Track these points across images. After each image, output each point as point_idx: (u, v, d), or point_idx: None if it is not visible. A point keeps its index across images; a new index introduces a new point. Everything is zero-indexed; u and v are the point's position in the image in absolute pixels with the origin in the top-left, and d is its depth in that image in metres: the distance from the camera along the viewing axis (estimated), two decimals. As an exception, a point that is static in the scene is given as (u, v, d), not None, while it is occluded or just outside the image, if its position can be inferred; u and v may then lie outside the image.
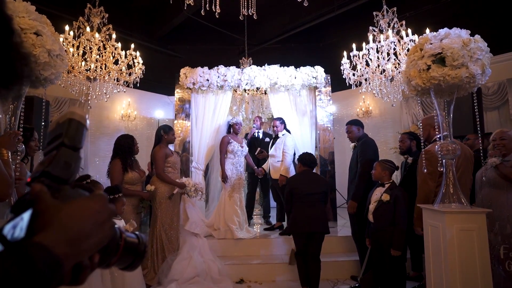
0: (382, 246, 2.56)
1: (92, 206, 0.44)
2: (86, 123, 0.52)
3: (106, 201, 0.46)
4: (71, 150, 0.49)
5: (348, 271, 3.45)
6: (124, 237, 0.51)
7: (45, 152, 0.50)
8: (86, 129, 0.52)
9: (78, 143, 0.50)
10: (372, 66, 3.58)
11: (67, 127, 0.49)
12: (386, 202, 2.52)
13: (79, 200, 0.45)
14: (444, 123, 2.04)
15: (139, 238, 0.55)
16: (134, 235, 0.55)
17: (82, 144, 0.51)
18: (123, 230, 0.53)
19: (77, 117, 0.50)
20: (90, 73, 3.63)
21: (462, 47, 1.74)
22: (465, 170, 2.29)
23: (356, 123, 3.37)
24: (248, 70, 4.40)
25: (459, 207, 1.83)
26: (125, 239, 0.51)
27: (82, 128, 0.51)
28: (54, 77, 1.80)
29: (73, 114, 0.51)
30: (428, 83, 1.90)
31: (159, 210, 3.35)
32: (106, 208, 0.45)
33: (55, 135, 0.50)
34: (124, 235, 0.52)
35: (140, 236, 0.56)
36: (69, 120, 0.50)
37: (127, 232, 0.54)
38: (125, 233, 0.53)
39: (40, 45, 1.60)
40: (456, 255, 1.70)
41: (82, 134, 0.51)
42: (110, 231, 0.45)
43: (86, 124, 0.52)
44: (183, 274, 3.16)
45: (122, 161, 3.15)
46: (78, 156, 0.50)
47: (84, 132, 0.52)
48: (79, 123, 0.50)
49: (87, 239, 0.41)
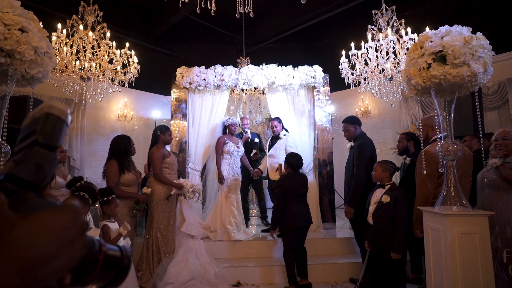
0: (382, 248, 2.50)
1: (58, 221, 0.35)
2: (67, 118, 0.45)
3: (78, 213, 0.38)
4: (45, 149, 0.42)
5: (347, 273, 3.39)
6: (104, 251, 0.45)
7: (15, 151, 0.43)
8: (66, 125, 0.45)
9: (55, 142, 0.43)
10: (371, 65, 3.52)
11: (43, 123, 0.42)
12: (386, 204, 2.46)
13: (42, 213, 0.36)
14: (444, 123, 1.98)
15: (122, 250, 0.48)
16: (116, 248, 0.48)
17: (60, 142, 0.44)
18: (103, 242, 0.47)
19: (56, 111, 0.43)
20: (84, 72, 3.56)
21: (463, 45, 1.69)
22: (465, 171, 2.24)
23: (352, 121, 3.26)
24: (245, 69, 4.35)
25: (461, 209, 1.78)
26: (105, 252, 0.45)
27: (62, 124, 0.44)
28: (42, 76, 1.74)
29: (51, 107, 0.43)
30: (429, 82, 1.85)
31: (156, 211, 3.29)
32: (77, 222, 0.37)
33: (29, 131, 0.43)
34: (104, 248, 0.45)
35: (124, 249, 0.49)
36: (46, 114, 0.43)
37: (107, 244, 0.48)
38: (105, 245, 0.46)
39: (26, 42, 1.54)
40: (458, 259, 1.64)
41: (61, 131, 0.44)
42: (81, 251, 0.38)
43: (66, 120, 0.44)
44: (178, 277, 3.10)
45: (118, 162, 3.09)
46: (54, 156, 0.43)
47: (64, 129, 0.44)
48: (57, 119, 0.43)
49: (48, 263, 0.33)
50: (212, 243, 3.75)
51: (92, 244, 0.43)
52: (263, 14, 6.78)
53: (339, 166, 4.61)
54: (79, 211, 0.38)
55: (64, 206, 0.38)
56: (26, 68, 1.61)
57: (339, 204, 5.44)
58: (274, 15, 6.90)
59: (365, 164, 2.95)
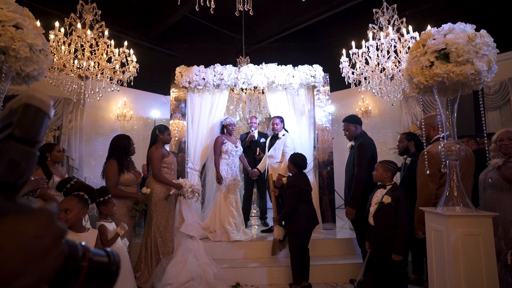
0: (383, 249, 2.47)
1: (27, 229, 0.30)
2: (49, 110, 0.40)
3: (51, 219, 0.33)
4: (22, 144, 0.38)
5: (347, 274, 3.36)
6: (89, 257, 0.41)
7: None
8: (48, 117, 0.40)
9: (34, 136, 0.39)
10: (371, 64, 3.49)
11: (20, 114, 0.38)
12: (388, 205, 2.42)
13: (9, 220, 0.31)
14: (447, 122, 1.95)
15: (109, 256, 0.44)
16: (103, 253, 0.44)
17: (40, 136, 0.40)
18: (88, 246, 0.43)
19: (36, 101, 0.39)
20: (82, 71, 3.53)
21: (467, 42, 1.66)
22: (466, 171, 2.21)
23: (352, 120, 3.22)
24: (245, 68, 4.31)
25: (464, 210, 1.74)
26: (90, 259, 0.41)
27: (43, 117, 0.39)
28: (37, 74, 1.70)
29: (31, 97, 0.39)
30: (431, 81, 1.82)
31: (155, 211, 3.26)
32: (50, 229, 0.32)
33: (4, 124, 0.38)
34: (89, 254, 0.41)
35: (112, 254, 0.45)
36: (24, 105, 0.38)
37: (94, 249, 0.44)
38: (91, 250, 0.43)
39: (20, 38, 1.50)
40: (461, 261, 1.61)
41: (41, 124, 0.39)
42: (56, 262, 0.33)
43: (48, 112, 0.40)
44: (177, 278, 3.06)
45: (118, 162, 3.06)
46: (32, 152, 0.39)
47: (45, 122, 0.40)
48: (37, 110, 0.39)
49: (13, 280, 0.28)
50: (211, 244, 3.72)
51: (73, 250, 0.38)
52: (263, 13, 6.75)
53: (339, 166, 4.58)
54: (53, 216, 0.33)
55: (36, 211, 0.33)
56: (21, 65, 1.57)
57: (339, 205, 5.41)
58: (273, 14, 6.87)
59: (366, 164, 2.91)
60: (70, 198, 1.93)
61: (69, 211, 1.86)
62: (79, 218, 1.93)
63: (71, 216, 1.86)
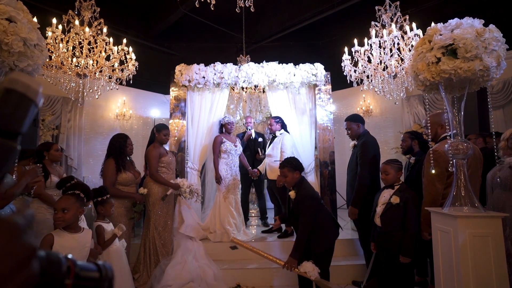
0: (390, 251, 2.40)
1: None
2: (36, 96, 0.34)
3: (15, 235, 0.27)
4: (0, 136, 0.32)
5: (350, 276, 3.31)
6: (76, 272, 0.35)
7: None
8: (35, 105, 0.34)
9: (16, 126, 0.33)
10: (374, 62, 3.43)
11: (0, 101, 0.32)
12: (396, 205, 2.34)
13: None
14: (454, 120, 1.90)
15: (101, 270, 0.39)
16: (93, 267, 0.39)
17: (23, 127, 0.34)
18: (75, 260, 0.37)
19: (20, 86, 0.33)
20: (80, 69, 3.47)
21: (475, 37, 1.60)
22: (475, 170, 2.15)
23: (355, 119, 3.18)
24: (245, 67, 4.26)
25: (472, 210, 1.69)
26: (76, 274, 0.35)
27: (27, 104, 0.34)
28: (32, 69, 1.65)
29: (14, 81, 0.33)
30: (438, 77, 1.77)
31: (153, 212, 3.22)
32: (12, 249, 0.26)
33: None
34: (75, 268, 0.36)
35: (104, 268, 0.39)
36: (6, 90, 0.33)
37: (82, 262, 0.38)
38: (78, 265, 0.37)
39: (14, 32, 1.45)
40: (470, 263, 1.56)
41: (25, 113, 0.34)
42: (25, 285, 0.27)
43: (34, 98, 0.34)
44: (176, 280, 3.01)
45: (115, 161, 3.02)
46: (10, 146, 0.33)
47: (31, 111, 0.34)
48: (22, 97, 0.33)
49: None
50: (212, 244, 3.67)
51: (55, 266, 0.33)
52: (264, 11, 6.70)
53: (340, 166, 4.53)
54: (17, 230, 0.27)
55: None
56: (14, 60, 1.52)
57: (341, 205, 5.36)
58: (274, 13, 6.82)
59: (369, 163, 2.86)
60: (67, 197, 1.89)
61: (67, 211, 1.82)
62: (76, 218, 1.89)
63: (68, 216, 1.82)
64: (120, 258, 2.54)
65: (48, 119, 5.31)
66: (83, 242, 1.87)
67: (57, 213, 1.82)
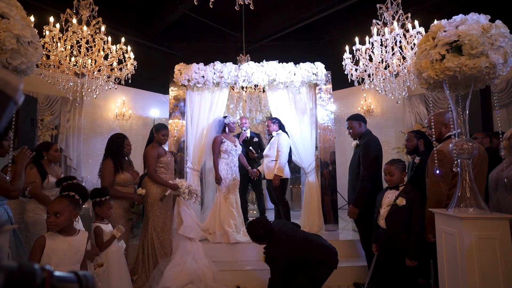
0: (394, 253, 2.34)
1: None
2: (15, 94, 0.31)
3: None
4: None
5: (351, 277, 3.26)
6: (52, 284, 0.32)
7: None
8: (13, 102, 0.31)
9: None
10: (375, 60, 3.39)
11: None
12: (402, 207, 2.28)
13: None
14: (458, 119, 1.85)
15: (81, 281, 0.35)
16: (73, 277, 0.35)
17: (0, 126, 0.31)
18: (52, 271, 0.33)
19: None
20: (78, 68, 3.44)
21: (481, 33, 1.56)
22: (480, 170, 2.10)
23: (357, 118, 3.13)
24: (245, 66, 4.22)
25: (478, 212, 1.64)
26: (52, 286, 0.32)
27: (5, 101, 0.31)
28: (26, 67, 1.61)
29: None
30: (442, 75, 1.72)
31: (151, 213, 3.18)
32: None
33: None
34: (51, 280, 0.32)
35: (84, 278, 0.35)
36: None
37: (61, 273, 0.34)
38: (55, 275, 0.33)
39: (6, 29, 1.41)
40: (476, 266, 1.51)
41: (3, 111, 0.31)
42: None
43: (13, 95, 0.31)
44: (175, 281, 2.97)
45: (113, 161, 2.99)
46: None
47: (9, 108, 0.31)
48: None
49: None
50: (211, 246, 3.62)
51: (26, 279, 0.29)
52: (263, 11, 6.66)
53: (341, 166, 4.49)
54: None
55: None
56: (7, 58, 1.48)
57: (342, 205, 5.31)
58: (274, 12, 6.78)
59: (372, 164, 2.81)
60: (60, 200, 1.80)
61: (60, 215, 1.73)
62: (70, 221, 1.80)
63: (61, 220, 1.73)
64: (119, 260, 2.50)
65: (47, 119, 5.27)
66: (77, 246, 1.79)
67: (49, 216, 1.74)
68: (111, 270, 2.35)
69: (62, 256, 1.70)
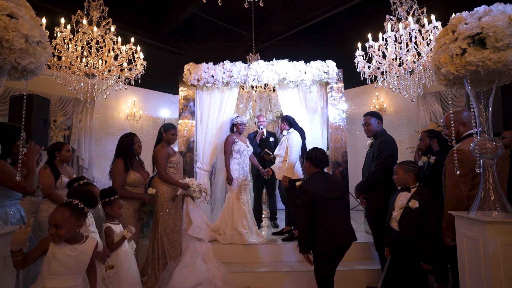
0: (407, 258, 2.26)
1: None
2: None
3: None
4: None
5: (364, 281, 3.16)
6: None
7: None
8: None
9: None
10: (389, 57, 3.28)
11: None
12: (415, 210, 2.20)
13: None
14: (480, 117, 1.75)
15: None
16: None
17: None
18: None
19: None
20: (88, 69, 3.46)
21: (508, 24, 1.46)
22: (502, 170, 1.99)
23: (376, 115, 3.04)
24: (255, 65, 4.17)
25: (504, 216, 1.54)
26: None
27: None
28: (35, 67, 1.60)
29: None
30: (463, 70, 1.62)
31: (161, 213, 3.16)
32: None
33: None
34: None
35: None
36: None
37: None
38: None
39: (15, 29, 1.40)
40: (503, 274, 1.41)
41: None
42: None
43: None
44: (185, 283, 2.94)
45: (124, 161, 2.99)
46: None
47: None
48: None
49: None
50: (221, 247, 3.59)
51: None
52: (273, 9, 6.59)
53: (352, 166, 4.39)
54: None
55: None
56: (16, 58, 1.47)
57: (353, 206, 5.20)
58: (284, 11, 6.70)
59: (385, 162, 2.74)
60: (61, 210, 1.66)
61: (60, 227, 1.61)
62: (73, 232, 1.68)
63: (62, 232, 1.61)
64: (129, 261, 2.49)
65: (59, 120, 5.36)
66: (80, 256, 1.68)
67: (50, 228, 1.62)
68: (121, 271, 2.34)
69: (63, 265, 1.61)
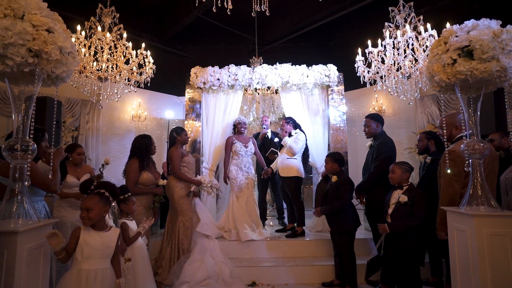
0: (397, 244, 2.52)
1: None
2: None
3: None
4: None
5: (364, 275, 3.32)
6: None
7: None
8: None
9: None
10: (388, 63, 3.45)
11: None
12: (404, 204, 2.49)
13: None
14: (470, 120, 1.92)
15: None
16: None
17: None
18: None
19: None
20: (101, 73, 3.63)
21: (492, 38, 1.63)
22: (492, 170, 2.16)
23: (376, 118, 3.21)
24: (259, 69, 4.34)
25: (489, 210, 1.71)
26: None
27: None
28: (66, 75, 1.77)
29: None
30: (454, 78, 1.79)
31: (179, 209, 3.32)
32: None
33: None
34: None
35: None
36: None
37: None
38: None
39: (52, 42, 1.57)
40: (487, 263, 1.58)
41: None
42: None
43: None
44: (194, 277, 3.10)
45: (139, 161, 3.16)
46: None
47: None
48: None
49: None
50: (227, 243, 3.75)
51: None
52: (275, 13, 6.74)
53: (352, 167, 4.55)
54: None
55: None
56: (52, 67, 1.64)
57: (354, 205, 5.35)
58: (286, 14, 6.88)
59: (384, 163, 2.90)
60: (91, 197, 1.96)
61: (90, 210, 1.89)
62: (101, 216, 1.95)
63: (93, 215, 1.89)
64: (143, 254, 2.66)
65: (68, 121, 5.52)
66: (107, 241, 1.92)
67: (82, 212, 1.90)
68: (136, 263, 2.51)
69: (94, 249, 1.85)
